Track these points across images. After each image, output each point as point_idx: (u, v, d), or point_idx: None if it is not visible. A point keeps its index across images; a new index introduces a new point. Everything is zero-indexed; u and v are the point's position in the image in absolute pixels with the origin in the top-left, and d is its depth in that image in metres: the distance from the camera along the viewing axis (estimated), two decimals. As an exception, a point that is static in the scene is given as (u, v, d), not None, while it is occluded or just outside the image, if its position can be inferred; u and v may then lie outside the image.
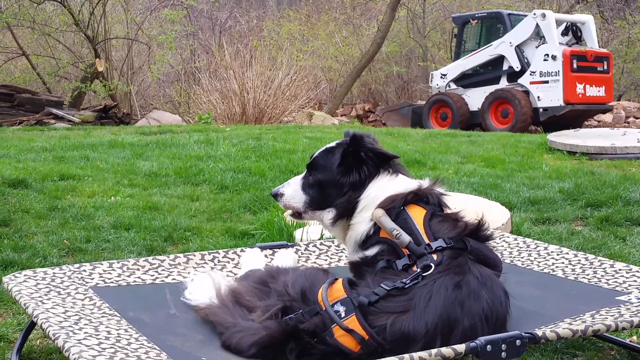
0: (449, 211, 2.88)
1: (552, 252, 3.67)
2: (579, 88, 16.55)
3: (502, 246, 3.87)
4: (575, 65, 16.53)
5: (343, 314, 2.44)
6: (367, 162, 2.92)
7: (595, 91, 16.89)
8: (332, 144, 3.04)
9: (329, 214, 2.99)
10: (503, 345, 2.33)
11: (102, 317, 2.80)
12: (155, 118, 17.26)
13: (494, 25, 18.61)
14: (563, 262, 3.52)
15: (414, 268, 2.61)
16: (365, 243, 2.85)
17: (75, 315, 2.75)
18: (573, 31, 17.33)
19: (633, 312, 2.75)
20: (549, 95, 16.57)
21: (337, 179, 2.95)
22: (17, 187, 6.28)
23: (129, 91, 20.75)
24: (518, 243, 3.88)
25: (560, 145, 9.56)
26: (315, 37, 24.72)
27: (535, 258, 3.64)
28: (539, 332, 2.42)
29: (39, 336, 3.23)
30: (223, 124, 14.36)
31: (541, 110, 16.60)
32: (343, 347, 2.41)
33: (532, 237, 4.86)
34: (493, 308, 2.50)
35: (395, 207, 2.81)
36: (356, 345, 2.40)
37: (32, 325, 3.03)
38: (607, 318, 2.68)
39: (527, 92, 16.79)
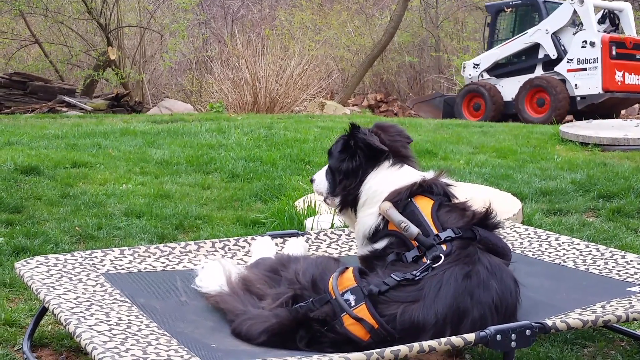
0: (456, 201, 2.87)
1: (563, 242, 3.66)
2: (618, 75, 15.98)
3: (513, 236, 3.86)
4: (614, 52, 15.93)
5: (353, 303, 2.45)
6: (358, 152, 2.94)
7: (634, 79, 16.30)
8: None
9: (336, 201, 3.03)
10: (513, 334, 2.33)
11: (113, 303, 2.81)
12: (167, 106, 17.29)
13: (528, 13, 17.99)
14: (574, 253, 3.51)
15: (424, 259, 2.61)
16: (374, 236, 2.85)
17: (87, 301, 2.77)
18: (610, 19, 16.80)
19: (644, 303, 2.74)
20: (587, 83, 15.99)
21: (338, 167, 3.00)
22: (29, 174, 6.31)
23: (141, 79, 20.80)
24: (529, 233, 3.87)
25: (572, 136, 9.52)
26: (328, 27, 24.67)
27: (546, 249, 3.63)
28: (549, 322, 2.42)
29: (50, 322, 3.25)
30: (235, 113, 14.38)
31: (579, 98, 16.02)
32: (353, 335, 2.42)
33: (544, 227, 4.85)
34: (503, 298, 2.50)
35: (402, 199, 2.81)
36: (366, 334, 2.41)
37: (44, 311, 3.05)
38: (617, 309, 2.67)
39: (563, 81, 16.22)
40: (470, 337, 2.29)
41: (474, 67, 18.05)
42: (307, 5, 26.27)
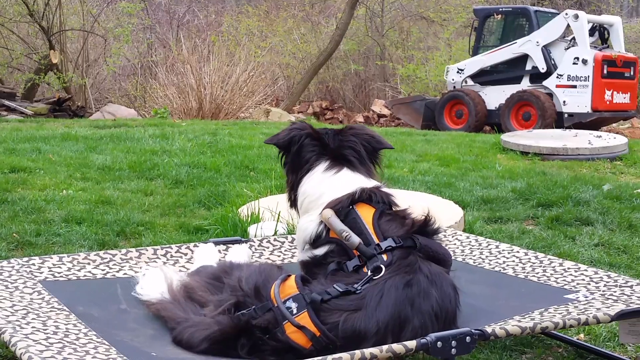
0: (397, 209, 2.89)
1: (503, 250, 3.72)
2: (607, 95, 15.65)
3: (455, 244, 3.90)
4: (605, 71, 15.56)
5: (295, 311, 2.44)
6: (294, 152, 3.02)
7: (620, 98, 16.01)
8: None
9: (286, 197, 3.17)
10: (453, 341, 2.35)
11: (51, 311, 2.75)
12: (110, 112, 17.05)
13: (518, 21, 17.49)
14: (514, 261, 3.57)
15: (364, 269, 2.62)
16: (314, 243, 2.86)
17: (23, 309, 2.71)
18: (600, 33, 16.45)
19: (580, 310, 2.79)
20: (576, 101, 15.58)
21: (282, 162, 3.12)
22: (-34, 179, 6.16)
23: (83, 84, 20.48)
24: (470, 241, 3.92)
25: (513, 145, 9.69)
26: (274, 34, 24.67)
27: (486, 256, 3.68)
28: (489, 329, 2.45)
29: (-15, 331, 3.17)
30: (179, 119, 14.26)
31: (566, 115, 15.57)
32: (294, 343, 2.41)
33: (485, 235, 4.92)
34: (442, 306, 2.52)
35: (343, 207, 2.82)
36: (307, 342, 2.40)
37: (-22, 319, 2.97)
38: (555, 316, 2.72)
39: (551, 95, 15.83)
40: (412, 344, 2.30)
41: (457, 72, 17.46)
42: (254, 12, 26.23)
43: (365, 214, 2.80)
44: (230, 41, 21.58)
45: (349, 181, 2.92)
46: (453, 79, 17.54)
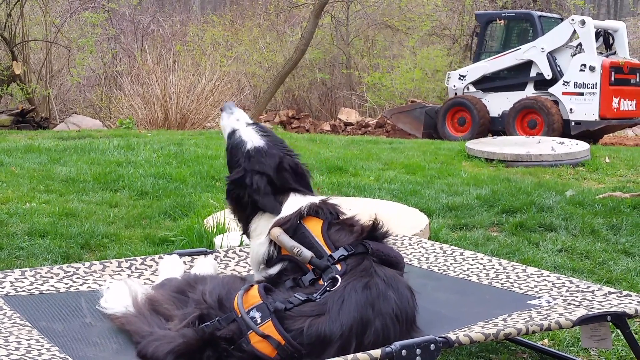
0: (344, 217, 2.91)
1: (467, 257, 3.75)
2: (615, 102, 15.29)
3: (420, 252, 3.92)
4: (613, 78, 15.18)
5: (259, 320, 2.44)
6: (244, 199, 2.99)
7: (627, 105, 15.65)
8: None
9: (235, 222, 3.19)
10: (418, 349, 2.36)
11: (13, 327, 2.71)
12: (74, 122, 16.91)
13: (522, 27, 17.18)
14: (478, 267, 3.60)
15: (320, 282, 2.64)
16: (268, 262, 2.87)
17: (-16, 325, 2.67)
18: (605, 38, 16.21)
19: (543, 315, 2.82)
20: (583, 109, 15.19)
21: (229, 197, 3.09)
22: None
23: (47, 95, 20.24)
24: (435, 249, 3.94)
25: (478, 152, 9.79)
26: (239, 43, 24.64)
27: (451, 263, 3.71)
28: (453, 336, 2.46)
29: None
30: (145, 129, 14.17)
31: (573, 123, 15.19)
32: (259, 353, 2.41)
33: (450, 242, 4.96)
34: (402, 307, 2.55)
35: (292, 224, 2.82)
36: (272, 351, 2.40)
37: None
38: (518, 322, 2.75)
39: (556, 102, 15.43)
40: (377, 352, 2.31)
41: (459, 78, 17.08)
42: (219, 21, 26.19)
43: (314, 227, 2.81)
44: (196, 51, 21.52)
45: (298, 202, 2.92)
46: (454, 86, 17.19)
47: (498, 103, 16.36)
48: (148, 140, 10.21)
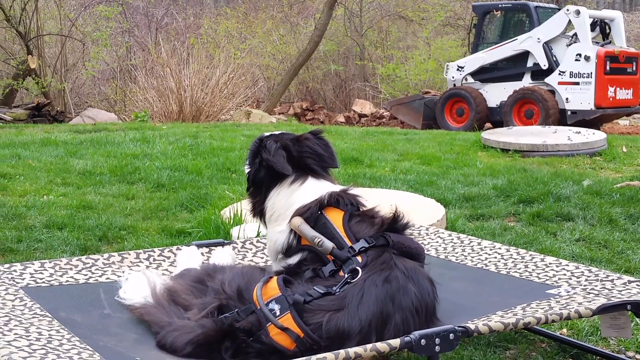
0: (364, 209, 2.90)
1: (485, 247, 3.74)
2: (610, 91, 15.49)
3: (437, 242, 3.92)
4: (608, 67, 15.42)
5: (278, 312, 2.44)
6: (261, 169, 3.00)
7: (624, 94, 15.85)
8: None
9: (249, 207, 3.15)
10: (437, 339, 2.36)
11: (33, 318, 2.73)
12: (90, 116, 16.97)
13: (518, 18, 17.39)
14: (496, 257, 3.59)
15: (341, 273, 2.63)
16: (287, 252, 2.86)
17: (5, 316, 2.69)
18: (601, 28, 16.30)
19: (562, 304, 2.81)
20: (578, 98, 15.40)
21: (247, 176, 3.12)
22: (-56, 186, 6.11)
23: (62, 89, 20.34)
24: (452, 239, 3.93)
25: (494, 142, 9.74)
26: (253, 35, 24.63)
27: (469, 253, 3.70)
28: (472, 326, 2.46)
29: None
30: (160, 122, 14.21)
31: (569, 112, 15.40)
32: (278, 345, 2.41)
33: (467, 233, 4.94)
34: (422, 300, 2.54)
35: (312, 213, 2.82)
36: (291, 343, 2.40)
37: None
38: (537, 311, 2.73)
39: (553, 92, 15.65)
40: (396, 342, 2.31)
41: (457, 69, 17.32)
42: (232, 14, 26.19)
43: (335, 217, 2.80)
44: (210, 43, 21.53)
45: (316, 189, 2.92)
46: (453, 77, 17.42)
47: (496, 93, 16.61)
48: (163, 132, 10.24)
